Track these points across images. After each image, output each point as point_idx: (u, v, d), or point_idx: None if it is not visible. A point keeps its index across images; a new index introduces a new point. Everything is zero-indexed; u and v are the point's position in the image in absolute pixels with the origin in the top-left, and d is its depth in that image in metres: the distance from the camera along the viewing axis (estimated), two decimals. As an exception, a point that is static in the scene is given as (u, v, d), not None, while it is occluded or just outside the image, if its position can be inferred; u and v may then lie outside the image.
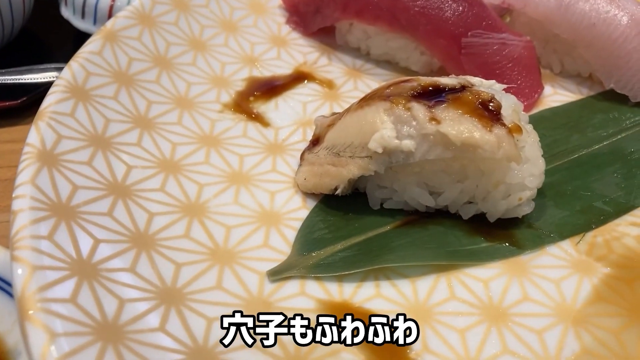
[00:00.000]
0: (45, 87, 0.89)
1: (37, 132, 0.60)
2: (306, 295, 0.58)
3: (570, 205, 0.70)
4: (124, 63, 0.74)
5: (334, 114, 0.75)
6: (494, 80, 0.70)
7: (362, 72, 0.90)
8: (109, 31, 0.76)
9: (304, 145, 0.76)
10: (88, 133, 0.64)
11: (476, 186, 0.64)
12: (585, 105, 0.87)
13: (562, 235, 0.66)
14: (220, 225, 0.64)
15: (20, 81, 0.91)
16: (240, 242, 0.62)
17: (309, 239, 0.64)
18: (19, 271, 0.48)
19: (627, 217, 0.69)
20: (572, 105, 0.87)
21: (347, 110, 0.69)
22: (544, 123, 0.82)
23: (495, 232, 0.66)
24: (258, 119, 0.78)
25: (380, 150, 0.62)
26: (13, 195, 0.54)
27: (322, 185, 0.68)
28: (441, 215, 0.67)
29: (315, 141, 0.72)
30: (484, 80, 0.68)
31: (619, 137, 0.80)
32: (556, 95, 0.89)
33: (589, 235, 0.67)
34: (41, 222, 0.52)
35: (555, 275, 0.62)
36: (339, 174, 0.66)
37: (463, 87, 0.65)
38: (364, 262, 0.62)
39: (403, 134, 0.62)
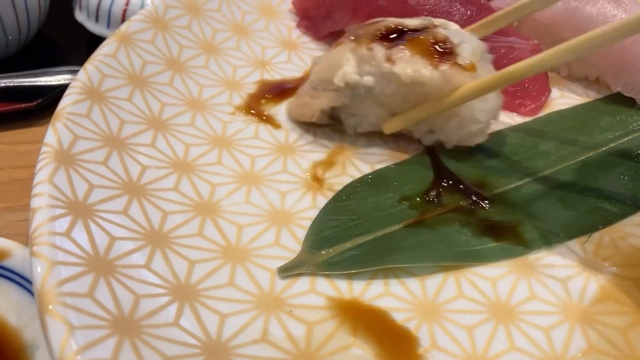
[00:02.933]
0: (60, 89, 0.91)
1: (54, 133, 0.62)
2: (316, 293, 0.60)
3: (577, 206, 0.71)
4: (138, 66, 0.76)
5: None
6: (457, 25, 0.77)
7: (371, 75, 0.91)
8: (123, 34, 0.77)
9: (313, 147, 0.77)
10: (103, 134, 0.66)
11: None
12: (592, 108, 0.88)
13: (569, 235, 0.67)
14: (232, 224, 0.65)
15: (36, 83, 0.93)
16: (252, 241, 0.64)
17: (318, 237, 0.65)
18: (38, 267, 0.49)
19: (634, 218, 0.70)
20: (580, 108, 0.87)
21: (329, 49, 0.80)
22: (552, 125, 0.83)
23: (503, 233, 0.67)
24: (269, 120, 0.79)
25: (342, 85, 0.72)
26: (32, 194, 0.55)
27: (303, 114, 0.78)
28: (449, 216, 0.68)
29: (305, 78, 0.82)
30: (450, 23, 0.76)
31: (626, 139, 0.80)
32: (563, 98, 0.90)
33: (596, 236, 0.67)
34: (59, 219, 0.53)
35: (562, 275, 0.63)
36: (313, 104, 0.76)
37: (425, 29, 0.73)
38: (373, 262, 0.63)
39: (365, 71, 0.71)
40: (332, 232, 0.66)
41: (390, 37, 0.72)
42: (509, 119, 0.85)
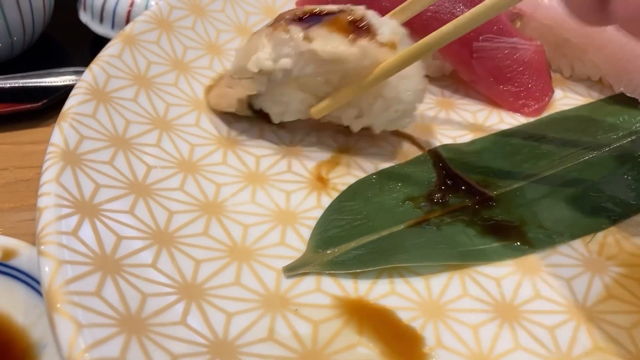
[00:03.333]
0: (65, 89, 0.92)
1: (61, 133, 0.62)
2: (322, 292, 0.60)
3: (581, 206, 0.71)
4: (143, 66, 0.76)
5: None
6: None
7: (375, 75, 0.91)
8: (128, 35, 0.78)
9: (318, 147, 0.78)
10: (109, 134, 0.66)
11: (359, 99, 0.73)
12: (595, 108, 0.88)
13: (573, 235, 0.67)
14: (237, 223, 0.65)
15: (40, 84, 0.93)
16: (257, 240, 0.64)
17: (324, 236, 0.65)
18: (46, 266, 0.49)
19: (638, 218, 0.70)
20: (582, 108, 0.88)
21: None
22: (555, 126, 0.83)
23: (507, 232, 0.67)
24: (274, 121, 0.80)
25: (255, 70, 0.69)
26: (38, 193, 0.56)
27: (220, 104, 0.77)
28: (454, 216, 0.69)
29: None
30: (369, 11, 0.73)
31: (629, 139, 0.81)
32: (566, 98, 0.90)
33: (600, 235, 0.68)
34: (66, 218, 0.54)
35: (566, 274, 0.64)
36: (230, 95, 0.76)
37: (342, 11, 0.71)
38: (378, 261, 0.63)
39: (282, 54, 0.69)
40: (337, 231, 0.66)
41: (306, 19, 0.71)
42: (513, 120, 0.85)
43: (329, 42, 0.67)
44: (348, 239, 0.65)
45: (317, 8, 0.72)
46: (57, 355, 0.53)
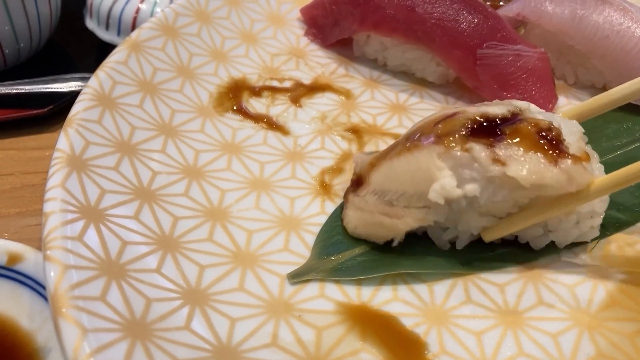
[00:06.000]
0: (71, 96, 0.92)
1: (67, 138, 0.63)
2: (326, 298, 0.60)
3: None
4: (149, 73, 0.77)
5: (373, 152, 0.73)
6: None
7: (379, 82, 0.92)
8: (134, 42, 0.78)
9: (321, 153, 0.78)
10: (115, 139, 0.66)
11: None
12: (599, 116, 0.88)
13: (577, 242, 0.67)
14: (242, 229, 0.65)
15: (47, 90, 0.94)
16: (261, 246, 0.64)
17: (328, 243, 0.65)
18: (52, 270, 0.50)
19: (641, 225, 0.70)
20: (587, 115, 0.88)
21: (392, 149, 0.67)
22: (559, 133, 0.83)
23: (512, 241, 0.67)
24: (278, 127, 0.80)
25: (442, 202, 0.58)
26: (44, 198, 0.56)
27: (376, 235, 0.65)
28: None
29: (358, 181, 0.69)
30: (531, 105, 0.65)
31: (633, 147, 0.81)
32: (570, 106, 0.90)
33: (603, 242, 0.68)
34: (72, 223, 0.54)
35: (570, 281, 0.64)
36: (395, 226, 0.62)
37: (515, 116, 0.61)
38: (382, 267, 0.63)
39: (464, 177, 0.58)
40: (341, 238, 0.66)
41: (483, 131, 0.60)
42: (516, 127, 0.85)
43: (529, 167, 0.56)
44: (352, 245, 0.65)
45: (485, 113, 0.61)
46: (62, 359, 0.54)
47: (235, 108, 0.81)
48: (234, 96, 0.82)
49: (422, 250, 0.66)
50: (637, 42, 0.83)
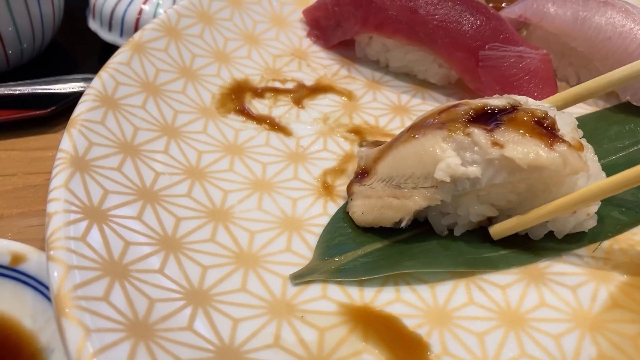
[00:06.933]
0: (73, 96, 0.93)
1: (70, 139, 0.63)
2: (328, 299, 0.60)
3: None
4: (152, 74, 0.77)
5: (375, 143, 0.75)
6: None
7: (381, 84, 0.92)
8: (137, 43, 0.79)
9: (324, 154, 0.78)
10: (118, 140, 0.66)
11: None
12: (601, 117, 0.88)
13: (579, 243, 0.67)
14: (244, 230, 0.65)
15: (49, 91, 0.94)
16: (263, 247, 0.64)
17: (330, 244, 0.66)
18: (55, 271, 0.50)
19: (644, 227, 0.70)
20: (588, 117, 0.88)
21: (396, 140, 0.69)
22: (561, 134, 0.83)
23: (513, 240, 0.67)
24: (280, 128, 0.80)
25: (448, 179, 0.61)
26: (48, 198, 0.56)
27: (384, 218, 0.66)
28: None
29: (363, 173, 0.71)
30: (529, 99, 0.68)
31: (635, 148, 0.81)
32: (572, 107, 0.90)
33: (606, 244, 0.68)
34: (75, 224, 0.54)
35: (572, 282, 0.64)
36: (404, 206, 0.64)
37: (514, 107, 0.64)
38: (384, 268, 0.63)
39: (467, 160, 0.61)
40: (343, 239, 0.66)
41: (483, 118, 0.63)
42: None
43: (526, 149, 0.60)
44: (355, 246, 0.66)
45: (486, 104, 0.65)
46: (65, 359, 0.54)
47: (237, 109, 0.81)
48: (237, 97, 0.83)
49: (424, 251, 0.66)
50: (640, 44, 0.83)
